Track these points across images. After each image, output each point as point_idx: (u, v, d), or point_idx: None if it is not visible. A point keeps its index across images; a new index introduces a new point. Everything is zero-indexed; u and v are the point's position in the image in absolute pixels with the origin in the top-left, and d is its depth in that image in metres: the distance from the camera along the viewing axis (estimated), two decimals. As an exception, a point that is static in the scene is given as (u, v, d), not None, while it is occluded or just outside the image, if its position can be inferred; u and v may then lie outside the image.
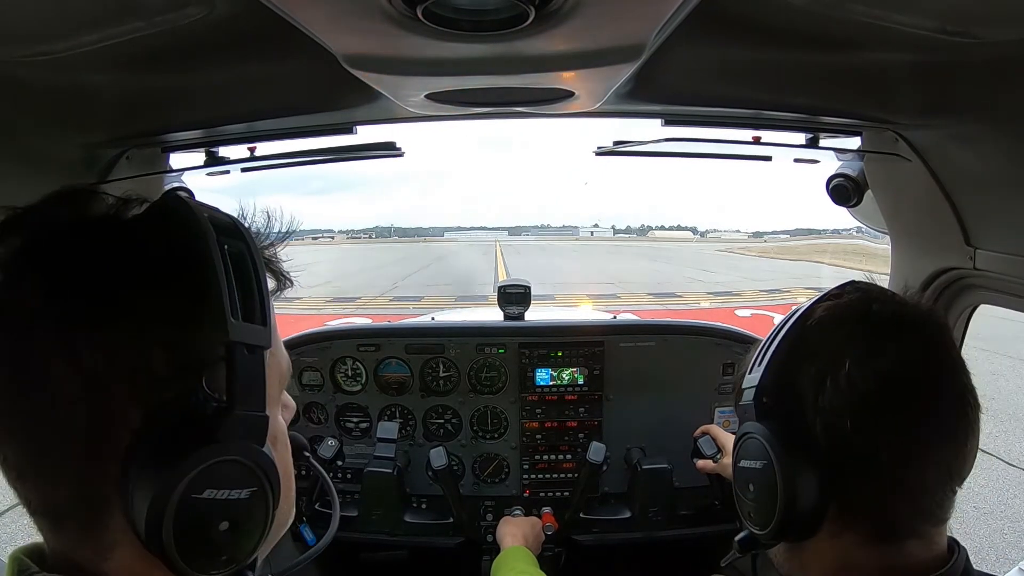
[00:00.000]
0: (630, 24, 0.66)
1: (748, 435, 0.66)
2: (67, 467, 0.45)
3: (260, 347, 0.48)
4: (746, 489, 0.67)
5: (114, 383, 0.45)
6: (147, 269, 0.47)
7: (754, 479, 0.65)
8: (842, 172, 1.24)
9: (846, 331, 0.63)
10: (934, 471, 0.61)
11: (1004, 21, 0.64)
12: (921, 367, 0.62)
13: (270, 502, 0.49)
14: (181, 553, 0.44)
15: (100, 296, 0.45)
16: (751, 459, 0.66)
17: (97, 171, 1.08)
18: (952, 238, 1.04)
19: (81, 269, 0.46)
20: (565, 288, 17.55)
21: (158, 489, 0.43)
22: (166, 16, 0.66)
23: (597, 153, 1.29)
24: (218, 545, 0.47)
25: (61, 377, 0.44)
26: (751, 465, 0.66)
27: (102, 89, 0.84)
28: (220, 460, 0.46)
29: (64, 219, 0.48)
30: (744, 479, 0.67)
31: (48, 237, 0.47)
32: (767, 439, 0.63)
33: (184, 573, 0.45)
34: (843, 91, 0.95)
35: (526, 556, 1.37)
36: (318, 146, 1.21)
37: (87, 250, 0.47)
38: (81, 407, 0.44)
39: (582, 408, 1.73)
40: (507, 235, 77.37)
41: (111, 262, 0.46)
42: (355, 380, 1.76)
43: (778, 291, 16.58)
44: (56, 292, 0.45)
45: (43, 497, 0.47)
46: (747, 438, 0.66)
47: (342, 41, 0.70)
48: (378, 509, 1.65)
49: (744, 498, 0.68)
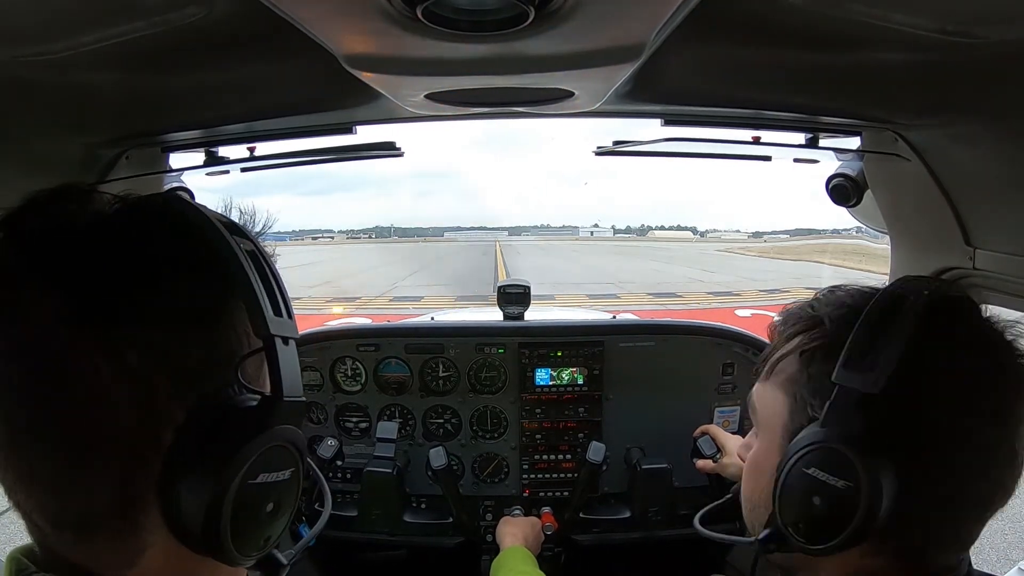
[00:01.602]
0: (630, 24, 0.66)
1: (827, 446, 0.58)
2: (108, 471, 0.44)
3: (292, 338, 0.50)
4: (806, 501, 0.60)
5: (157, 380, 0.45)
6: (181, 266, 0.47)
7: (826, 495, 0.58)
8: (842, 172, 1.24)
9: (959, 341, 0.59)
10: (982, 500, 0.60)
11: (1004, 21, 0.64)
12: (999, 392, 0.59)
13: (301, 480, 0.52)
14: (235, 540, 0.46)
15: (139, 293, 0.45)
16: (830, 475, 0.58)
17: (96, 171, 1.08)
18: (952, 238, 1.04)
19: (115, 267, 0.45)
20: (565, 288, 17.54)
21: (215, 480, 0.44)
22: (166, 16, 0.66)
23: (597, 153, 1.29)
24: (263, 527, 0.49)
25: (104, 377, 0.43)
26: (828, 480, 0.58)
27: (102, 89, 0.84)
28: (273, 446, 0.48)
29: (82, 217, 0.47)
30: (809, 491, 0.59)
31: (69, 236, 0.46)
32: (859, 459, 0.57)
33: (233, 561, 0.47)
34: (843, 91, 0.95)
35: (525, 556, 1.37)
36: (318, 146, 1.21)
37: (118, 248, 0.46)
38: (125, 407, 0.44)
39: (582, 408, 1.73)
40: (507, 235, 77.38)
41: (145, 260, 0.46)
42: (355, 380, 1.76)
43: (778, 291, 16.59)
44: (90, 291, 0.44)
45: (75, 507, 0.45)
46: (824, 449, 0.58)
47: (342, 41, 0.70)
48: (378, 509, 1.65)
49: (796, 506, 0.61)
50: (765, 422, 0.69)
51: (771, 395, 0.68)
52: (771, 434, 0.67)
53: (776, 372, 0.68)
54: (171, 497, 0.44)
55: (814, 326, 0.66)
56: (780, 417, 0.66)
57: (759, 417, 0.71)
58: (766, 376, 0.70)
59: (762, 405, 0.70)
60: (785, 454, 0.62)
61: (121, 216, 0.49)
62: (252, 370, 0.51)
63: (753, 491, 0.71)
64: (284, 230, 65.58)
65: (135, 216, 0.49)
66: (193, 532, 0.45)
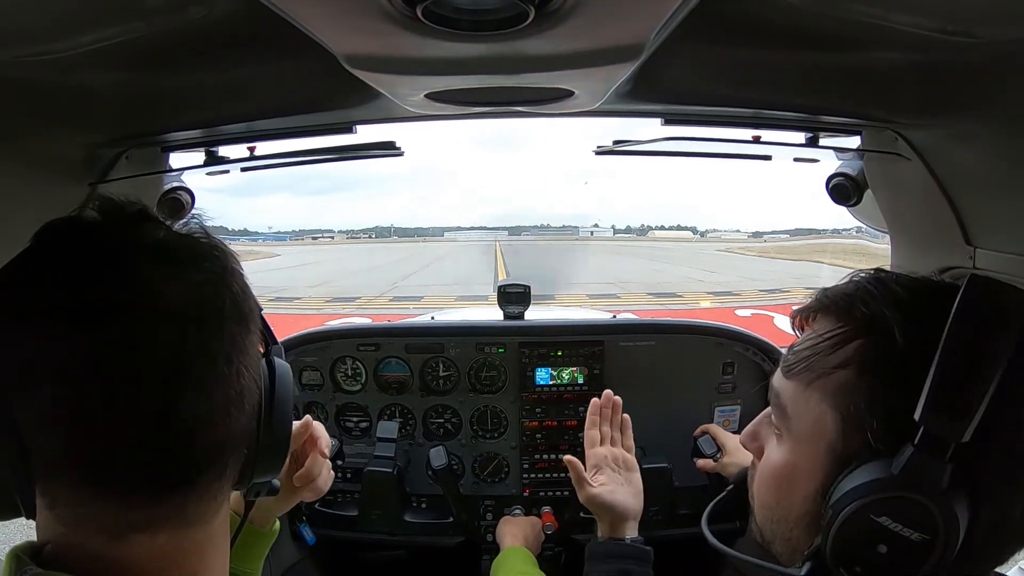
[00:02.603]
0: (630, 24, 0.66)
1: (906, 497, 0.52)
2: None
3: None
4: (869, 546, 0.53)
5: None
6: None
7: (895, 544, 0.52)
8: (842, 171, 1.24)
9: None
10: None
11: (1004, 21, 0.64)
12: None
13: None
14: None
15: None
16: (904, 526, 0.52)
17: (96, 171, 1.08)
18: (952, 237, 1.04)
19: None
20: (564, 288, 17.54)
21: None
22: (166, 16, 0.66)
23: (597, 152, 1.29)
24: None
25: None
26: (901, 532, 0.52)
27: (102, 89, 0.84)
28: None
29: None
30: (875, 538, 0.53)
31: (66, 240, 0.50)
32: (941, 512, 0.51)
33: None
34: (843, 90, 0.95)
35: (525, 556, 1.37)
36: (318, 145, 1.21)
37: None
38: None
39: (582, 407, 1.73)
40: (507, 235, 77.32)
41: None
42: (355, 379, 1.76)
43: (778, 291, 16.59)
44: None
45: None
46: (902, 500, 0.52)
47: (342, 41, 0.70)
48: (378, 508, 1.65)
49: (855, 550, 0.54)
50: (803, 434, 0.61)
51: (815, 406, 0.60)
52: (810, 450, 0.60)
53: (821, 378, 0.59)
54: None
55: (880, 333, 0.56)
56: (826, 435, 0.58)
57: (793, 425, 0.62)
58: (806, 379, 0.61)
59: (799, 412, 0.62)
60: (844, 493, 0.54)
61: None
62: None
63: (780, 505, 0.64)
64: (284, 230, 65.56)
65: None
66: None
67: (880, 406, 0.55)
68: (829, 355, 0.59)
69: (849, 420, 0.57)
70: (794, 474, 0.62)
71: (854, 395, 0.56)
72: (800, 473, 0.61)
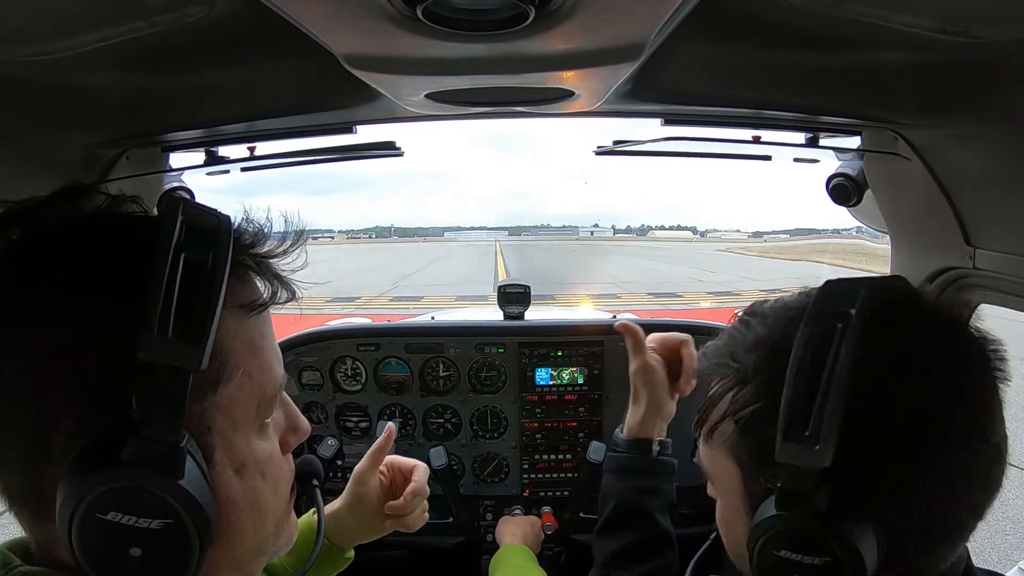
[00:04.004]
0: (630, 23, 0.66)
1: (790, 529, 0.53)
2: (12, 458, 0.47)
3: (184, 369, 0.44)
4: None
5: (51, 385, 0.45)
6: (90, 273, 0.47)
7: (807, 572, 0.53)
8: (842, 172, 1.24)
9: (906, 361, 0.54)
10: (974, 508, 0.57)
11: (1004, 21, 0.64)
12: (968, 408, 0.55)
13: (192, 536, 0.45)
14: (92, 567, 0.44)
15: (43, 296, 0.46)
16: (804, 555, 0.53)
17: (97, 171, 1.08)
18: (952, 237, 1.04)
19: (31, 267, 0.47)
20: (564, 288, 17.55)
21: (70, 502, 0.43)
22: (166, 16, 0.66)
23: (597, 153, 1.29)
24: (132, 570, 0.45)
25: (9, 375, 0.45)
26: (803, 560, 0.53)
27: (102, 89, 0.84)
28: (120, 486, 0.43)
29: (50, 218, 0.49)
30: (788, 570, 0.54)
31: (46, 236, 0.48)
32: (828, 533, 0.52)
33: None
34: (843, 90, 0.95)
35: (524, 553, 1.37)
36: (318, 146, 1.21)
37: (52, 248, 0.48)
38: (21, 405, 0.46)
39: (582, 408, 1.73)
40: (507, 235, 77.34)
41: (57, 262, 0.47)
42: (355, 380, 1.76)
43: (778, 291, 16.56)
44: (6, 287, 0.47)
45: (7, 486, 0.49)
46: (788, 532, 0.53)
47: (342, 41, 0.70)
48: (378, 508, 1.64)
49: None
50: (723, 488, 0.65)
51: (720, 462, 0.63)
52: (733, 500, 0.63)
53: (716, 435, 0.62)
54: (59, 501, 0.44)
55: (740, 383, 0.60)
56: (736, 485, 0.61)
57: (716, 481, 0.67)
58: (707, 438, 0.64)
59: (714, 470, 0.65)
60: (752, 535, 0.56)
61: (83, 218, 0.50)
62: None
63: (731, 547, 0.67)
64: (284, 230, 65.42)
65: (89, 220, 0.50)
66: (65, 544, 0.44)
67: (758, 452, 0.57)
68: (713, 411, 0.63)
69: (743, 468, 0.60)
70: (729, 523, 0.66)
71: (739, 444, 0.60)
72: (732, 522, 0.64)
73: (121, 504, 0.43)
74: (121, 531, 0.43)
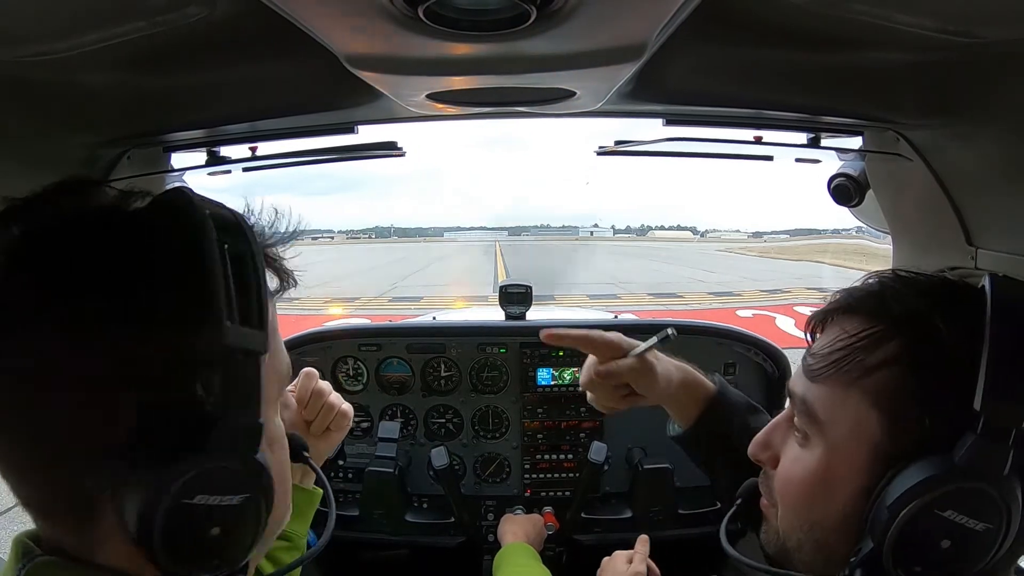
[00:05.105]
0: (632, 24, 0.66)
1: (973, 487, 0.51)
2: (64, 464, 0.45)
3: (256, 352, 0.47)
4: (932, 543, 0.52)
5: (113, 381, 0.45)
6: (147, 266, 0.46)
7: (960, 537, 0.51)
8: (843, 172, 1.23)
9: None
10: None
11: (1005, 20, 0.64)
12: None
13: (263, 508, 0.49)
14: (171, 555, 0.45)
15: (100, 292, 0.45)
16: (970, 517, 0.51)
17: (98, 171, 1.08)
18: (953, 237, 1.04)
19: (80, 263, 0.46)
20: (565, 288, 17.55)
21: (150, 492, 0.44)
22: (166, 16, 0.66)
23: (598, 153, 1.29)
24: (209, 549, 0.47)
25: (63, 374, 0.44)
26: (966, 524, 0.51)
27: (102, 89, 0.84)
28: (212, 467, 0.45)
29: (61, 212, 0.48)
30: (939, 533, 0.52)
31: (44, 230, 0.47)
32: (1004, 500, 0.51)
33: (173, 574, 0.46)
34: (844, 91, 0.95)
35: (528, 551, 1.37)
36: (319, 146, 1.21)
37: (86, 244, 0.47)
38: (81, 404, 0.45)
39: (583, 408, 1.73)
40: (507, 235, 77.36)
41: (111, 257, 0.46)
42: (356, 380, 1.76)
43: (779, 291, 16.59)
44: (54, 287, 0.45)
45: (38, 492, 0.48)
46: (969, 491, 0.51)
47: (343, 41, 0.70)
48: (379, 509, 1.65)
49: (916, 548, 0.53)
50: (840, 437, 0.59)
51: (853, 408, 0.58)
52: (849, 453, 0.58)
53: (861, 379, 0.58)
54: (119, 498, 0.45)
55: (921, 329, 0.55)
56: (869, 437, 0.57)
57: (827, 429, 0.60)
58: (843, 381, 0.59)
59: (835, 417, 0.60)
60: (904, 492, 0.52)
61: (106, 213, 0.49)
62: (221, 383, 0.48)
63: (814, 510, 0.62)
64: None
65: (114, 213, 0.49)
66: (136, 540, 0.45)
67: (931, 402, 0.54)
68: (868, 355, 0.58)
69: (896, 419, 0.56)
70: (830, 478, 0.60)
71: (900, 394, 0.56)
72: (838, 477, 0.59)
73: (209, 486, 0.45)
74: (205, 512, 0.45)
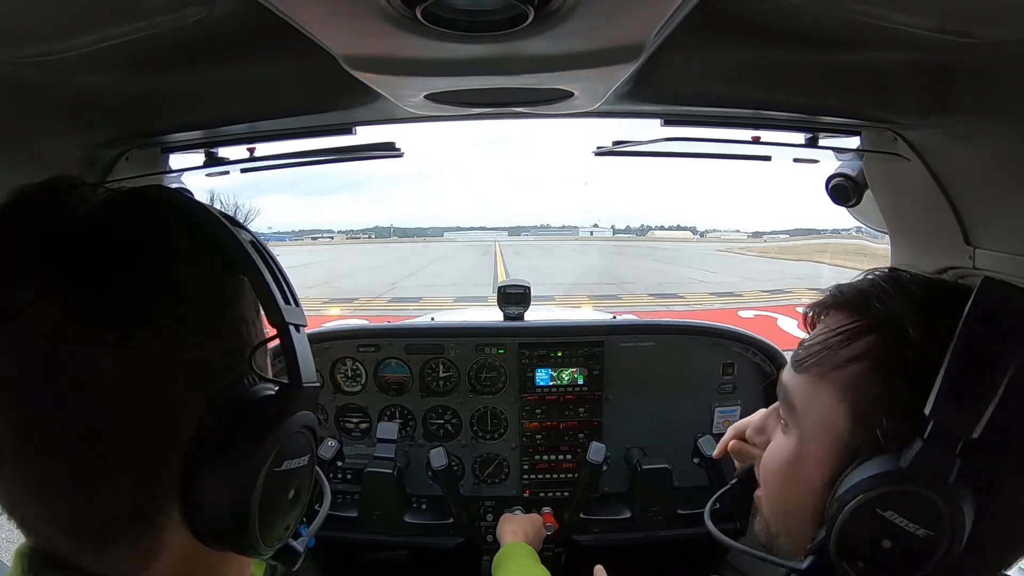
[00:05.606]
0: (630, 24, 0.66)
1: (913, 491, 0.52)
2: (127, 472, 0.43)
3: (303, 325, 0.51)
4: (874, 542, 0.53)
5: (175, 375, 0.44)
6: (192, 259, 0.47)
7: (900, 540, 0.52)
8: (842, 172, 1.24)
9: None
10: None
11: (1004, 20, 0.64)
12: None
13: (315, 463, 0.53)
14: (261, 530, 0.46)
15: (151, 288, 0.44)
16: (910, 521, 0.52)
17: (96, 172, 1.08)
18: (952, 237, 1.04)
19: (124, 262, 0.44)
20: (564, 288, 17.54)
21: (243, 471, 0.45)
22: (166, 17, 0.66)
23: (597, 153, 1.29)
24: (285, 515, 0.49)
25: (121, 375, 0.42)
26: (906, 527, 0.52)
27: (101, 89, 0.84)
28: (295, 432, 0.49)
29: (82, 211, 0.46)
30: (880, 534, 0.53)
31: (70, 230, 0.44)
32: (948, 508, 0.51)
33: (257, 552, 0.47)
34: (842, 91, 0.95)
35: (527, 551, 1.37)
36: (318, 147, 1.21)
37: (126, 242, 0.45)
38: (143, 404, 0.43)
39: (582, 408, 1.73)
40: (507, 235, 77.32)
41: (155, 254, 0.46)
42: (355, 380, 1.76)
43: (780, 291, 16.60)
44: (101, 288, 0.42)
45: (94, 512, 0.43)
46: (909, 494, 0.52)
47: (341, 42, 0.70)
48: (378, 509, 1.65)
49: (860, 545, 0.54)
50: (811, 427, 0.61)
51: (823, 400, 0.60)
52: (818, 443, 0.60)
53: (833, 371, 0.59)
54: (193, 493, 0.44)
55: (894, 329, 0.57)
56: (835, 429, 0.59)
57: (801, 418, 0.63)
58: (817, 372, 0.61)
59: (808, 407, 0.62)
60: (851, 486, 0.54)
61: (124, 209, 0.48)
62: (261, 360, 0.51)
63: (785, 497, 0.64)
64: (284, 230, 65.62)
65: (139, 209, 0.48)
66: (218, 526, 0.45)
67: (890, 401, 0.55)
68: (841, 349, 0.59)
69: (859, 414, 0.57)
70: (800, 466, 0.62)
71: (865, 389, 0.57)
72: (806, 465, 0.61)
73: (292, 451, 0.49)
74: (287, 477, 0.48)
